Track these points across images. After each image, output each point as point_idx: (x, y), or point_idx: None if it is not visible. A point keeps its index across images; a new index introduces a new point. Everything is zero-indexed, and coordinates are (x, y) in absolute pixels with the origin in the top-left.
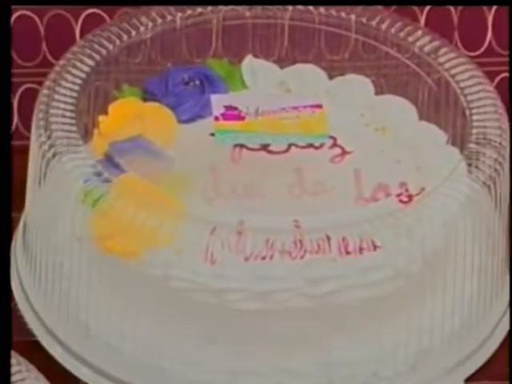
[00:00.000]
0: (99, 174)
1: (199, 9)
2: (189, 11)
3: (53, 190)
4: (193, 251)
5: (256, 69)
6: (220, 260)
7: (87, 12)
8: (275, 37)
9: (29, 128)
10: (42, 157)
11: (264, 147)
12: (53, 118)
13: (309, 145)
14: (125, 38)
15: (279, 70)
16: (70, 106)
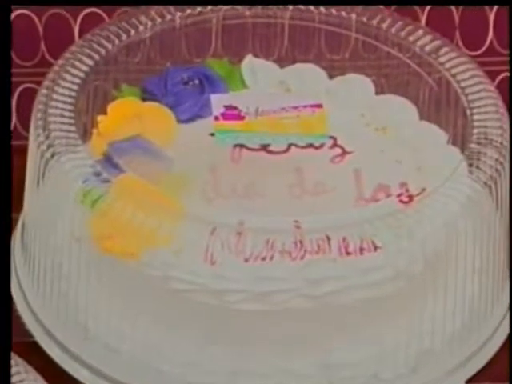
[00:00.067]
0: (98, 174)
1: (199, 8)
2: (188, 10)
3: (51, 191)
4: (192, 252)
5: (256, 68)
6: (220, 261)
7: (86, 11)
8: (275, 36)
9: (27, 128)
10: (41, 157)
11: (264, 147)
12: (51, 118)
13: (309, 145)
14: (124, 38)
15: (279, 70)
16: (69, 106)
